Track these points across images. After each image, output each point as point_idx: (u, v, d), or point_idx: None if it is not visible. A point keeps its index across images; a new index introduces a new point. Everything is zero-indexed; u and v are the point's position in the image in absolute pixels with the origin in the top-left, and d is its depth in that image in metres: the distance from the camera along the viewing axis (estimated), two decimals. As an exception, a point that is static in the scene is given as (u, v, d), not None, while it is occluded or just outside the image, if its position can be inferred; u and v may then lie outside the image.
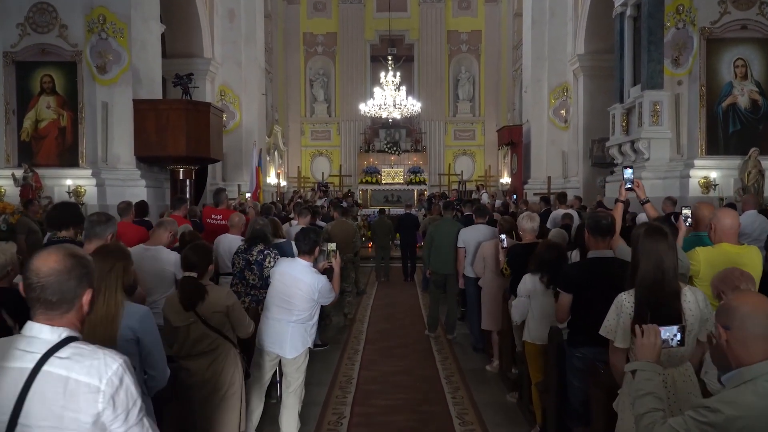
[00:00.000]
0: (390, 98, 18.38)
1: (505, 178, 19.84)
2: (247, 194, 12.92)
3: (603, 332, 2.76)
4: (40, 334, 1.70)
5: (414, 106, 18.92)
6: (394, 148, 21.47)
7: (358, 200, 18.96)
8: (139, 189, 10.03)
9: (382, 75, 18.65)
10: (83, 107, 10.00)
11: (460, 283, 7.25)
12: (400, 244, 12.56)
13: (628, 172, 3.95)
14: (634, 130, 10.72)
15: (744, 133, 9.75)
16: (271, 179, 18.08)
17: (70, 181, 9.84)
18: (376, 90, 18.76)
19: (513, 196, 15.07)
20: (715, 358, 2.08)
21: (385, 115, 18.89)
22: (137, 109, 10.25)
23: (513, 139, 16.78)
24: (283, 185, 20.02)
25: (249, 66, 15.31)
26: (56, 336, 1.70)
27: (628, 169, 4.00)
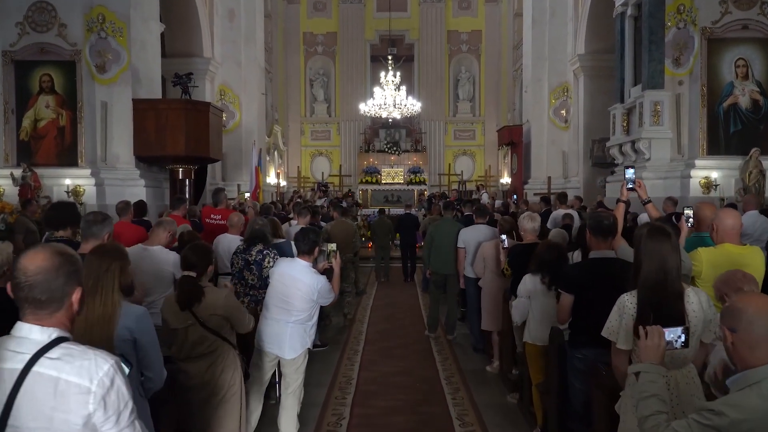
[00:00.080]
0: (390, 98, 18.34)
1: (505, 178, 19.81)
2: (247, 194, 12.89)
3: (605, 333, 2.74)
4: (29, 334, 1.67)
5: (414, 106, 18.88)
6: (394, 148, 21.43)
7: (358, 200, 18.93)
8: (138, 189, 10.01)
9: (382, 75, 18.61)
10: (82, 107, 9.98)
11: (460, 283, 7.23)
12: (400, 244, 12.53)
13: (630, 172, 3.92)
14: (634, 130, 10.69)
15: (745, 133, 9.72)
16: (271, 179, 18.05)
17: (69, 181, 9.81)
18: (376, 90, 18.72)
19: (513, 196, 15.05)
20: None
21: (385, 114, 18.85)
22: (136, 109, 10.23)
23: (513, 139, 16.74)
24: (282, 185, 19.99)
25: (249, 66, 15.28)
26: (46, 336, 1.67)
27: (630, 168, 3.97)
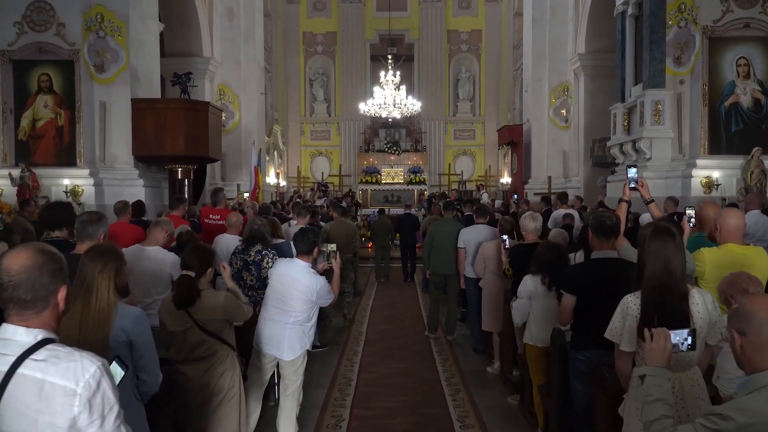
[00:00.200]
0: (390, 98, 18.30)
1: (506, 178, 19.77)
2: (246, 194, 12.84)
3: (608, 335, 2.69)
4: (14, 336, 1.64)
5: (414, 106, 18.83)
6: (394, 148, 21.39)
7: (358, 200, 18.88)
8: (137, 189, 9.96)
9: (382, 74, 18.56)
10: (81, 106, 9.92)
11: (461, 283, 7.18)
12: (400, 245, 12.49)
13: (633, 171, 3.87)
14: (635, 130, 10.65)
15: (746, 132, 9.67)
16: (271, 179, 18.01)
17: (68, 181, 9.77)
18: (376, 89, 18.67)
19: (514, 195, 15.00)
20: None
21: (385, 114, 18.80)
22: (135, 109, 10.18)
23: (513, 138, 16.69)
24: (282, 185, 19.95)
25: (248, 65, 15.23)
26: (32, 338, 1.64)
27: (633, 168, 3.91)
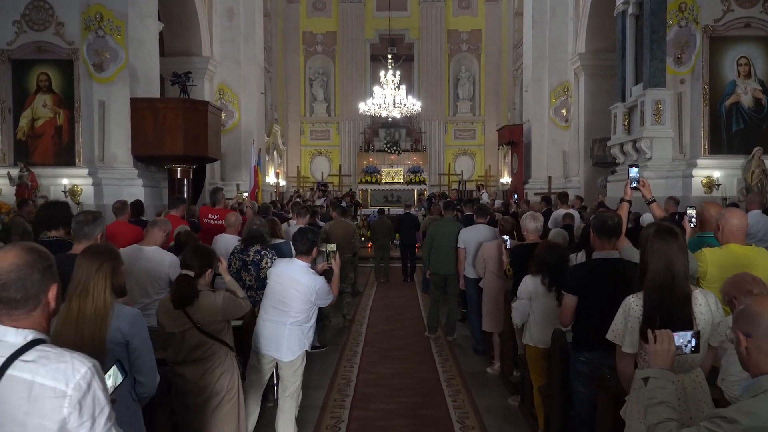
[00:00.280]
0: (390, 97, 18.27)
1: (506, 178, 19.74)
2: (245, 194, 12.81)
3: (610, 336, 2.66)
4: (4, 336, 1.61)
5: (414, 106, 18.80)
6: (394, 148, 21.36)
7: (358, 200, 18.84)
8: (136, 188, 9.94)
9: (382, 74, 18.53)
10: (80, 106, 9.89)
11: (460, 284, 7.15)
12: (400, 245, 12.47)
13: (634, 171, 3.84)
14: (636, 130, 10.62)
15: (747, 132, 9.65)
16: (271, 179, 17.98)
17: (67, 181, 9.74)
18: (376, 89, 18.63)
19: (514, 195, 14.98)
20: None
21: (385, 114, 18.76)
22: (134, 108, 10.14)
23: (513, 138, 16.66)
24: (282, 185, 19.92)
25: (248, 65, 15.19)
26: (21, 338, 1.61)
27: (634, 167, 3.88)
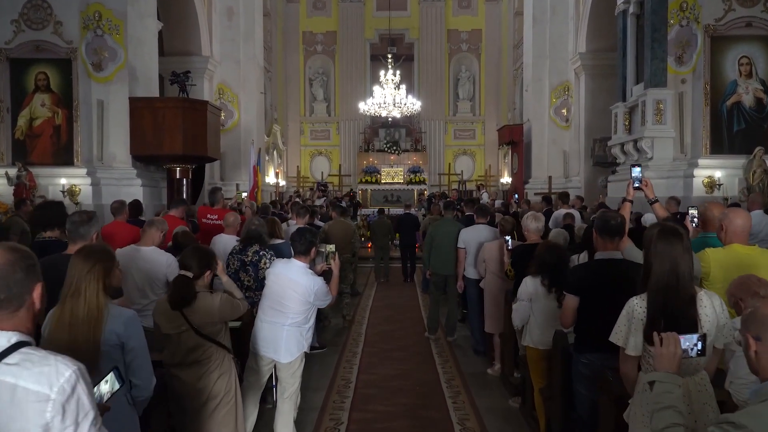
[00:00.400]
0: (390, 97, 18.22)
1: (506, 178, 19.70)
2: (244, 193, 12.77)
3: (613, 339, 2.61)
4: None
5: (414, 105, 18.76)
6: (394, 148, 21.32)
7: (359, 200, 18.79)
8: (135, 188, 9.90)
9: (382, 74, 18.48)
10: (78, 105, 9.85)
11: (458, 285, 7.07)
12: (400, 245, 12.43)
13: (637, 171, 3.80)
14: (636, 129, 10.58)
15: (749, 132, 9.61)
16: (270, 179, 17.94)
17: (65, 180, 9.70)
18: (376, 89, 18.58)
19: (515, 195, 14.94)
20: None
21: (385, 113, 18.71)
22: (133, 107, 10.10)
23: (513, 138, 16.62)
24: (282, 185, 19.88)
25: (248, 64, 15.16)
26: (5, 341, 1.58)
27: (637, 167, 3.83)
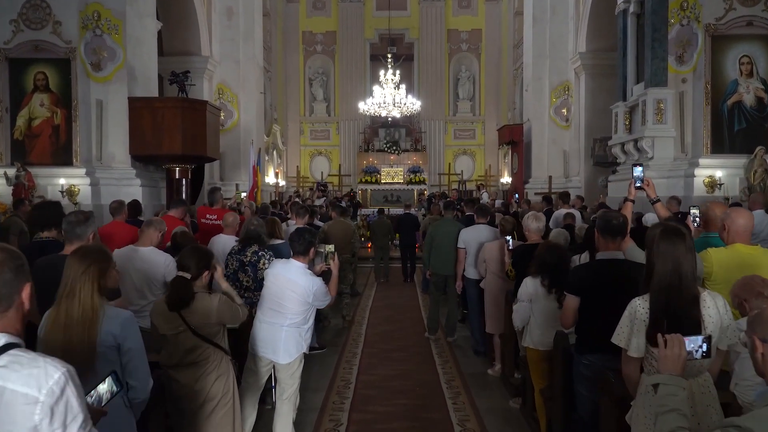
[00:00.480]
0: (389, 97, 18.19)
1: (506, 178, 19.67)
2: (243, 193, 12.74)
3: (615, 340, 2.58)
4: None
5: (414, 105, 18.73)
6: (394, 148, 21.29)
7: (359, 200, 18.76)
8: (134, 188, 9.87)
9: (382, 73, 18.45)
10: (77, 105, 9.81)
11: (457, 285, 7.04)
12: (400, 245, 12.40)
13: (639, 170, 3.77)
14: (637, 129, 10.55)
15: (749, 131, 9.58)
16: (270, 179, 17.91)
17: (64, 180, 9.66)
18: (376, 88, 18.55)
19: (515, 195, 14.91)
20: None
21: (385, 113, 18.68)
22: (132, 107, 10.07)
23: (514, 138, 16.59)
24: (282, 185, 19.85)
25: (247, 64, 15.13)
26: None
27: (638, 166, 3.81)
